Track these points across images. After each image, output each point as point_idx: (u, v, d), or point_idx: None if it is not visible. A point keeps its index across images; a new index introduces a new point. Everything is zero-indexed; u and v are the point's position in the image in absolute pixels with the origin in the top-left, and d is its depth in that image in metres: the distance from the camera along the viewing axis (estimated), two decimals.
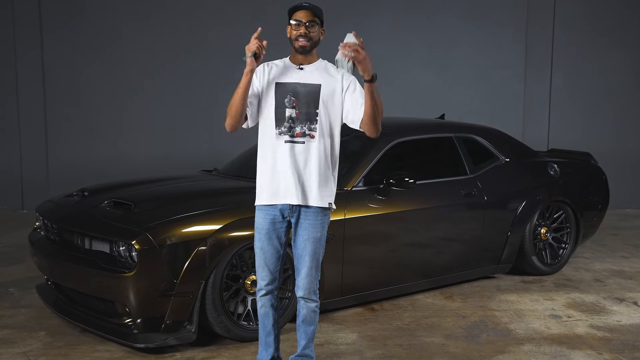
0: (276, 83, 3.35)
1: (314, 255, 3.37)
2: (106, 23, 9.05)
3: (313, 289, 3.42)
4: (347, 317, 4.74)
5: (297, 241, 3.38)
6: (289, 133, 3.30)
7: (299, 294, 3.42)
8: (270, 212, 3.36)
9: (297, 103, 3.30)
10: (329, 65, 3.41)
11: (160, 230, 3.98)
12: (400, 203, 4.92)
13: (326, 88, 3.31)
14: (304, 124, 3.29)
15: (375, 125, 3.27)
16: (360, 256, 4.75)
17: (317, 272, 3.42)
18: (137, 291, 3.91)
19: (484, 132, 5.87)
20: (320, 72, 3.36)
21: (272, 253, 3.41)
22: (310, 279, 3.39)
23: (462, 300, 5.17)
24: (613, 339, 4.33)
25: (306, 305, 3.44)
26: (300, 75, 3.34)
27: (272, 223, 3.37)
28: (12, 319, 4.66)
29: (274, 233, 3.38)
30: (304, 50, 3.32)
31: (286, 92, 3.32)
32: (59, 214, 4.66)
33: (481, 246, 5.46)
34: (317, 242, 3.36)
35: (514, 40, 9.39)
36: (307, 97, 3.30)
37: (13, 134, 9.00)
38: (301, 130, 3.29)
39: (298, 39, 3.31)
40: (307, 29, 3.30)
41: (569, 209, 5.97)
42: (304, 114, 3.29)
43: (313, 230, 3.34)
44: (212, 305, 4.07)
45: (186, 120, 9.21)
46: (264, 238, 3.39)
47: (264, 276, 3.45)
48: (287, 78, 3.35)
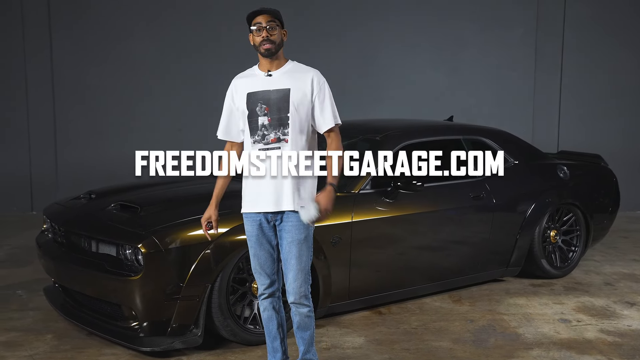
0: (247, 94, 3.36)
1: (299, 258, 3.33)
2: (115, 23, 9.08)
3: (303, 293, 3.38)
4: (354, 321, 4.72)
5: (282, 245, 3.37)
6: (263, 141, 3.31)
7: (290, 300, 3.39)
8: (255, 219, 3.38)
9: (269, 110, 3.30)
10: (297, 66, 3.39)
11: (167, 234, 3.98)
12: (408, 206, 4.89)
13: (295, 91, 3.30)
14: (277, 129, 3.29)
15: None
16: (367, 259, 4.72)
17: (306, 275, 3.37)
18: (143, 295, 3.91)
19: (493, 134, 5.83)
20: (289, 75, 3.34)
21: (265, 257, 3.41)
22: (299, 282, 3.36)
23: (471, 303, 5.13)
24: (623, 344, 4.28)
25: (298, 311, 3.41)
26: (269, 82, 3.34)
27: (260, 228, 3.38)
28: (19, 321, 4.66)
29: (264, 238, 3.38)
30: (270, 53, 3.31)
31: (257, 100, 3.33)
32: (66, 216, 4.66)
33: (490, 249, 5.43)
34: (301, 244, 3.32)
35: (523, 42, 9.35)
36: (277, 102, 3.30)
37: (22, 136, 9.04)
38: (275, 137, 3.30)
39: (262, 44, 3.30)
40: (269, 32, 3.29)
41: (578, 212, 5.92)
42: (276, 119, 3.29)
43: (297, 232, 3.31)
44: (218, 308, 4.06)
45: (194, 121, 9.22)
46: (255, 244, 3.40)
47: (262, 280, 3.45)
48: (257, 86, 3.35)
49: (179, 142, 9.22)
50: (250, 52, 3.28)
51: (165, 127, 9.23)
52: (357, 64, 9.24)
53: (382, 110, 9.01)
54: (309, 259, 3.37)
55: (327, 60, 8.56)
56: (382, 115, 8.64)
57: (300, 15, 8.96)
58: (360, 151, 5.31)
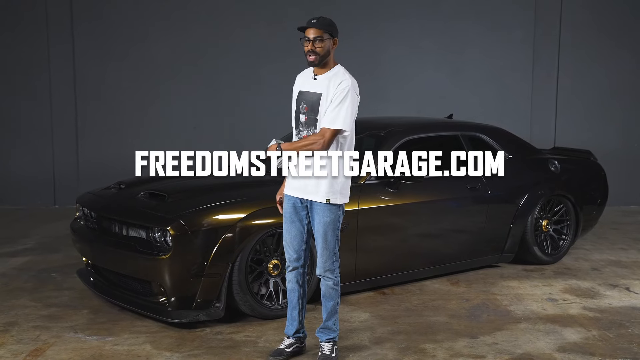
0: (299, 91, 3.87)
1: (325, 237, 3.81)
2: (134, 24, 9.49)
3: (328, 268, 3.87)
4: (360, 300, 5.18)
5: (313, 226, 3.87)
6: (299, 136, 3.83)
7: (317, 272, 3.91)
8: (291, 199, 3.88)
9: (307, 109, 3.79)
10: (338, 73, 3.79)
11: (193, 218, 4.46)
12: (409, 196, 5.36)
13: (325, 97, 3.75)
14: (310, 128, 3.78)
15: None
16: (372, 245, 5.19)
17: (332, 252, 3.85)
18: (171, 272, 4.39)
19: (489, 130, 6.29)
20: (327, 81, 3.77)
21: (295, 234, 3.90)
22: (324, 258, 3.84)
23: (467, 285, 5.59)
24: (602, 319, 4.74)
25: (324, 282, 3.91)
26: (312, 84, 3.82)
27: (294, 207, 3.88)
28: (57, 299, 5.15)
29: (296, 216, 3.88)
30: (313, 64, 3.78)
31: (302, 99, 3.84)
32: (99, 204, 5.15)
33: (485, 237, 5.88)
34: (327, 225, 3.79)
35: (522, 43, 9.75)
36: (313, 104, 3.78)
37: (46, 134, 9.52)
38: (307, 134, 3.79)
39: (308, 54, 3.76)
40: (314, 45, 3.73)
41: (569, 203, 6.36)
42: (311, 119, 3.78)
43: (323, 214, 3.79)
44: (238, 285, 4.53)
45: (210, 120, 9.64)
46: (288, 221, 3.90)
47: (290, 254, 3.94)
48: (306, 87, 3.85)
49: (195, 140, 9.67)
50: (265, 51, 3.75)
51: (182, 125, 9.64)
52: (360, 64, 9.64)
53: (387, 109, 9.43)
54: (334, 239, 3.85)
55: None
56: (387, 113, 9.08)
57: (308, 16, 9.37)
58: (366, 145, 5.81)
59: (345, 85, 3.71)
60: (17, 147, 9.58)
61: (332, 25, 3.79)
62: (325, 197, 3.78)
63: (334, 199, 3.80)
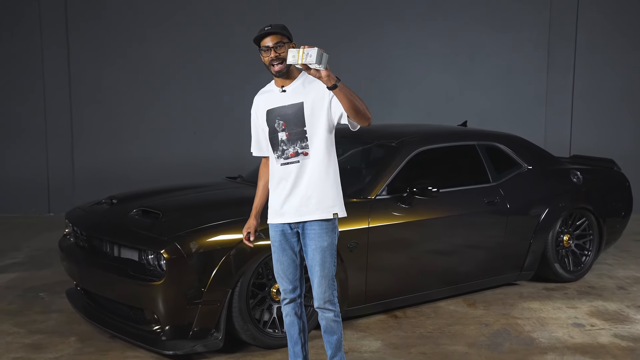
0: (267, 111, 3.45)
1: (323, 265, 3.41)
2: (130, 26, 9.19)
3: (328, 299, 3.46)
4: (370, 325, 4.80)
5: (307, 252, 3.45)
6: (283, 156, 3.39)
7: (315, 305, 3.48)
8: (279, 227, 3.47)
9: (286, 125, 3.38)
10: (308, 77, 3.39)
11: (188, 240, 4.07)
12: (423, 211, 4.97)
13: (308, 103, 3.35)
14: (295, 144, 3.37)
15: (363, 116, 3.21)
16: (383, 264, 4.80)
17: (331, 280, 3.45)
18: (165, 299, 4.01)
19: (507, 139, 5.90)
20: (302, 88, 3.38)
21: (288, 263, 3.50)
22: (323, 288, 3.44)
23: (485, 307, 5.20)
24: (637, 349, 4.34)
25: (324, 315, 3.49)
26: (283, 98, 3.40)
27: (283, 235, 3.47)
28: (43, 324, 4.77)
29: (287, 244, 3.47)
30: (280, 73, 3.37)
31: (275, 117, 3.41)
32: (88, 221, 4.77)
33: (504, 253, 5.49)
34: (325, 250, 3.40)
35: (535, 44, 9.38)
36: (293, 118, 3.37)
37: (40, 139, 9.18)
38: (294, 151, 3.37)
39: (272, 64, 3.35)
40: (277, 52, 3.33)
41: (592, 216, 5.98)
42: (294, 134, 3.37)
43: (319, 239, 3.39)
44: (238, 313, 4.15)
45: (210, 123, 9.32)
46: (278, 250, 3.50)
47: (284, 286, 3.54)
48: (274, 103, 3.43)
49: (195, 143, 9.33)
50: None
51: (181, 129, 9.33)
52: (368, 66, 9.31)
53: (394, 113, 9.08)
54: (332, 265, 3.45)
55: (338, 63, 8.61)
56: (394, 118, 8.71)
57: (312, 17, 9.05)
58: (375, 156, 5.43)
59: None
60: (11, 152, 9.24)
61: (286, 28, 3.41)
62: (332, 212, 3.39)
63: (342, 212, 3.43)
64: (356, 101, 3.16)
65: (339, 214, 3.42)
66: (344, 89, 3.10)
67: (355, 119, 3.22)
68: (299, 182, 3.38)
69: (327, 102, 3.34)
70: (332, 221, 3.43)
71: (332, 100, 3.32)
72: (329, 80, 3.03)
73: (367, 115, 3.22)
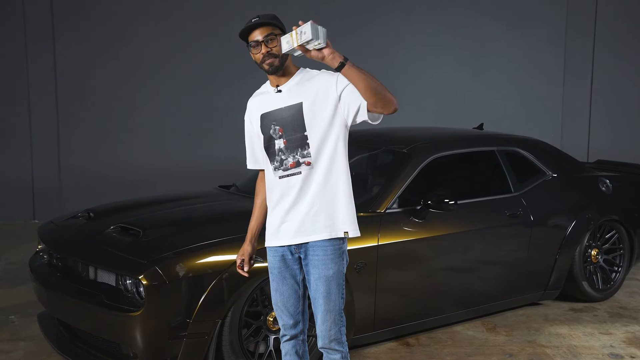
0: (261, 115, 2.90)
1: (328, 297, 2.86)
2: (120, 26, 8.72)
3: (334, 337, 2.91)
4: (380, 354, 4.25)
5: (309, 282, 2.91)
6: (282, 167, 2.85)
7: (319, 344, 2.93)
8: (279, 250, 2.92)
9: (283, 131, 2.83)
10: (307, 73, 2.88)
11: (171, 263, 3.52)
12: (439, 226, 4.41)
13: (309, 103, 2.80)
14: (295, 152, 2.82)
15: (383, 98, 2.68)
16: (394, 285, 4.24)
17: (338, 315, 2.90)
18: (144, 332, 3.45)
19: (529, 144, 5.34)
20: (300, 86, 2.84)
21: (289, 294, 2.95)
22: (328, 324, 2.89)
23: (507, 332, 4.65)
24: None
25: (329, 357, 2.95)
26: (279, 99, 2.86)
27: (283, 261, 2.93)
28: (9, 354, 4.22)
29: (287, 272, 2.93)
30: (275, 69, 2.81)
31: (270, 122, 2.87)
32: (61, 239, 4.21)
33: (527, 271, 4.94)
34: (330, 280, 2.85)
35: (551, 42, 8.85)
36: (291, 122, 2.81)
37: (24, 141, 8.66)
38: (294, 161, 2.82)
39: (264, 60, 2.80)
40: (268, 46, 2.79)
41: (622, 228, 5.43)
42: (293, 141, 2.81)
43: (323, 267, 2.84)
44: (229, 346, 3.61)
45: (204, 125, 8.83)
46: (278, 278, 2.95)
47: (285, 320, 3.00)
48: (269, 106, 2.88)
49: (189, 146, 8.82)
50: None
51: (173, 131, 8.83)
52: (376, 64, 8.76)
53: (402, 113, 8.46)
54: (339, 297, 2.90)
55: None
56: (403, 118, 8.15)
57: (318, 12, 8.53)
58: (385, 164, 4.88)
59: (329, 74, 2.82)
60: None
61: (277, 18, 2.87)
62: (342, 230, 2.84)
63: (354, 231, 2.88)
64: (371, 80, 2.64)
65: (349, 233, 2.87)
66: (354, 68, 2.60)
67: (377, 104, 2.68)
68: (301, 198, 2.83)
69: (335, 98, 2.78)
70: (341, 245, 2.88)
71: (344, 93, 2.76)
72: (334, 58, 2.57)
73: (388, 96, 2.69)
